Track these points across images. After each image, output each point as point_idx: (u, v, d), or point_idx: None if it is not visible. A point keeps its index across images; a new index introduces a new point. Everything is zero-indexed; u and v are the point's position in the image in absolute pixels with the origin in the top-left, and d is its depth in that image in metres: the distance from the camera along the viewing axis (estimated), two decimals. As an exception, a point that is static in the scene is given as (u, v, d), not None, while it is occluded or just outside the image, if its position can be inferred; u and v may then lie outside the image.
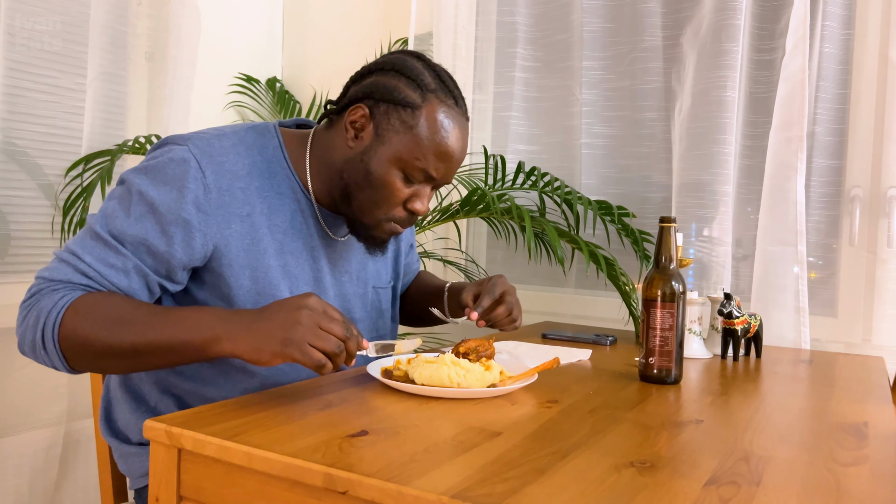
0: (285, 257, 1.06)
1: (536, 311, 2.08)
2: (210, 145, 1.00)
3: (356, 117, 1.04)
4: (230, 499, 0.74)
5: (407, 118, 1.01)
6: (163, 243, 0.95)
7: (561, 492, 0.63)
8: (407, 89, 1.02)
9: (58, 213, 1.85)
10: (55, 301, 0.90)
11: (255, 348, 0.84)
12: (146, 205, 0.95)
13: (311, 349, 0.83)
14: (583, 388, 1.06)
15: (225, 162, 1.00)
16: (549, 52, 2.09)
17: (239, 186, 1.01)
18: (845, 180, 1.70)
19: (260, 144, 1.07)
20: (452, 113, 1.04)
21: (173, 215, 0.95)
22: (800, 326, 1.63)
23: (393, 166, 1.02)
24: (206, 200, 0.97)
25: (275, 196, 1.06)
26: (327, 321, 0.85)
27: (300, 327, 0.83)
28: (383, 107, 1.02)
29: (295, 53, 2.57)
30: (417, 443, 0.75)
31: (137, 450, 1.07)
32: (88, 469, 1.92)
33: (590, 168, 2.04)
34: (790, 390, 1.12)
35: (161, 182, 0.96)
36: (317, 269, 1.11)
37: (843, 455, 0.78)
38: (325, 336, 0.84)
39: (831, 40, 1.69)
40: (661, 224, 1.14)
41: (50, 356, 0.90)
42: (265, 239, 1.03)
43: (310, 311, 0.85)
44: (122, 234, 0.95)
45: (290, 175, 1.09)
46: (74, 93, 1.88)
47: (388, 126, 1.02)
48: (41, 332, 0.89)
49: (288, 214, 1.07)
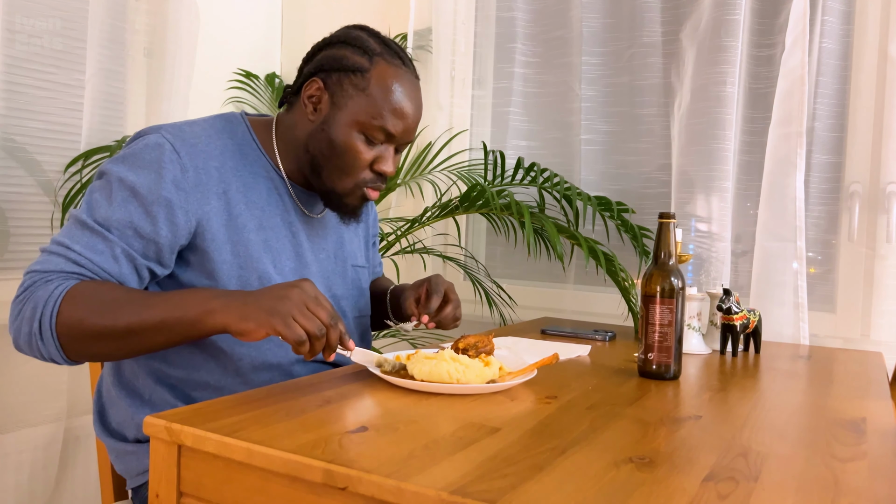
0: (265, 232, 1.09)
1: (536, 307, 2.08)
2: (181, 130, 1.05)
3: (312, 91, 1.09)
4: (230, 495, 0.74)
5: (358, 82, 1.07)
6: (148, 224, 0.98)
7: (559, 488, 0.63)
8: (354, 55, 1.07)
9: (57, 210, 1.85)
10: (50, 291, 0.91)
11: (242, 317, 0.87)
12: (127, 189, 0.98)
13: (294, 323, 0.86)
14: (582, 384, 1.06)
15: (197, 144, 1.04)
16: (548, 48, 2.09)
17: (214, 165, 1.05)
18: (844, 176, 1.70)
19: (229, 130, 1.11)
20: (401, 72, 1.09)
21: (154, 196, 0.98)
22: (798, 322, 1.63)
23: (353, 129, 1.07)
24: (183, 179, 1.00)
25: (249, 175, 1.10)
26: (315, 304, 0.89)
27: (288, 301, 0.87)
28: (335, 76, 1.08)
29: (294, 49, 2.56)
30: (416, 439, 0.76)
31: (134, 448, 1.07)
32: (88, 465, 1.92)
33: (589, 164, 2.03)
34: (789, 386, 1.12)
35: (138, 167, 0.99)
36: (297, 244, 1.14)
37: (842, 451, 0.78)
38: (310, 316, 0.87)
39: (831, 36, 1.69)
40: (660, 220, 1.14)
41: (47, 346, 0.91)
42: (243, 214, 1.07)
43: (301, 291, 0.89)
44: (108, 220, 0.97)
45: (262, 155, 1.13)
46: (73, 89, 1.88)
47: (342, 93, 1.07)
48: (38, 323, 0.90)
49: (264, 192, 1.11)
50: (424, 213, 1.97)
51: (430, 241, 2.14)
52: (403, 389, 0.98)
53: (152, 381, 1.07)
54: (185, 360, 1.06)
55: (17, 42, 1.76)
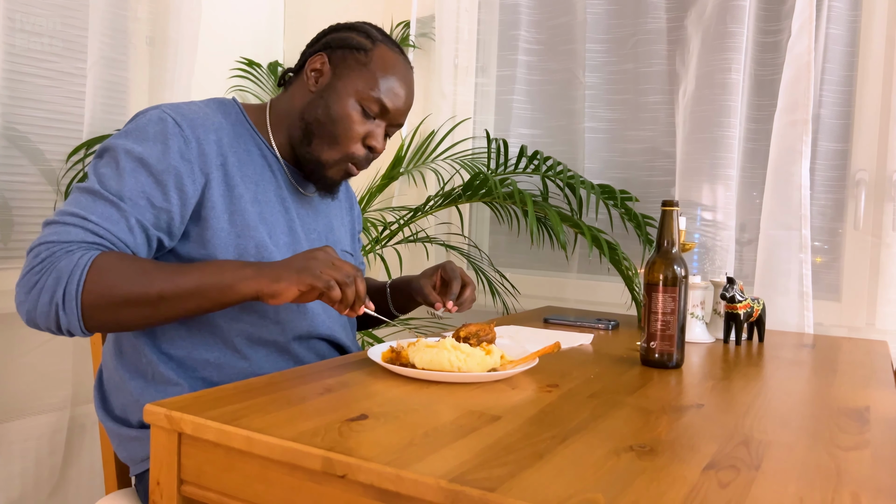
0: (260, 206, 1.12)
1: (539, 295, 2.07)
2: (179, 107, 1.08)
3: (316, 65, 1.15)
4: (230, 482, 0.74)
5: (361, 58, 1.14)
6: (159, 193, 1.00)
7: (559, 475, 0.63)
8: (358, 37, 1.16)
9: (60, 199, 1.85)
10: (75, 261, 0.91)
11: (274, 279, 0.94)
12: (135, 161, 1.00)
13: (322, 275, 0.94)
14: (583, 373, 1.06)
15: (196, 118, 1.07)
16: (552, 35, 2.07)
17: (212, 139, 1.08)
18: (850, 164, 1.69)
19: (223, 110, 1.15)
20: (400, 58, 1.17)
21: (163, 165, 1.01)
22: (803, 311, 1.62)
23: (351, 97, 1.12)
24: (187, 150, 1.03)
25: (243, 151, 1.13)
26: (340, 261, 0.98)
27: (314, 260, 0.96)
28: (339, 52, 1.15)
29: (297, 37, 2.55)
30: (417, 427, 0.75)
31: (137, 433, 1.07)
32: (94, 453, 1.93)
33: (593, 152, 2.02)
34: (792, 375, 1.12)
35: (144, 139, 1.02)
36: (290, 220, 1.17)
37: (844, 439, 0.77)
38: (338, 267, 0.96)
39: (838, 22, 1.67)
40: (663, 208, 1.13)
41: (69, 316, 0.91)
42: (239, 186, 1.10)
43: (325, 252, 0.98)
44: (120, 191, 0.98)
45: (255, 134, 1.17)
46: (75, 78, 1.87)
47: (344, 66, 1.14)
48: (62, 292, 0.90)
49: (258, 167, 1.15)
50: (427, 202, 1.97)
51: (434, 231, 2.14)
52: (404, 378, 0.98)
53: (155, 360, 1.07)
54: (183, 338, 1.07)
55: (18, 31, 1.76)
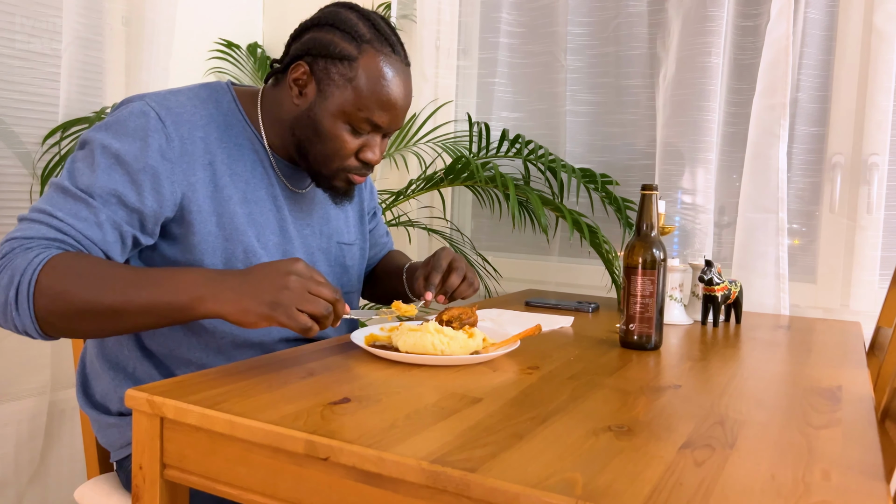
0: (249, 205, 1.08)
1: (520, 279, 2.09)
2: (166, 99, 1.02)
3: (298, 75, 1.06)
4: (213, 466, 0.75)
5: (345, 71, 1.03)
6: (133, 193, 0.96)
7: (538, 456, 0.64)
8: (342, 42, 1.04)
9: (36, 182, 1.82)
10: (30, 259, 0.86)
11: (241, 310, 0.85)
12: (111, 157, 0.95)
13: (298, 313, 0.84)
14: (564, 355, 1.07)
15: (182, 113, 1.02)
16: (533, 18, 2.06)
17: (199, 136, 1.03)
18: (827, 147, 1.71)
19: (215, 99, 1.09)
20: (390, 61, 1.05)
21: (140, 164, 0.96)
22: (779, 293, 1.65)
23: (338, 119, 1.05)
24: (169, 149, 0.98)
25: (234, 146, 1.08)
26: (315, 285, 0.86)
27: (288, 291, 0.84)
28: (322, 62, 1.05)
29: (276, 18, 2.52)
30: (399, 409, 0.76)
31: (117, 420, 1.07)
32: (74, 438, 1.92)
33: (574, 135, 2.03)
34: (768, 355, 1.14)
35: (123, 134, 0.97)
36: (281, 219, 1.13)
37: (817, 418, 0.79)
38: (314, 299, 0.85)
39: (816, 6, 1.68)
40: (642, 192, 1.14)
41: (22, 318, 0.86)
42: (228, 187, 1.05)
43: (298, 276, 0.86)
44: (91, 187, 0.94)
45: (248, 127, 1.11)
46: (49, 58, 1.83)
47: (328, 81, 1.04)
48: (15, 292, 0.85)
49: (248, 164, 1.09)
50: (409, 186, 1.96)
51: (416, 214, 2.14)
52: (387, 361, 0.98)
53: (137, 356, 1.07)
54: (167, 337, 1.06)
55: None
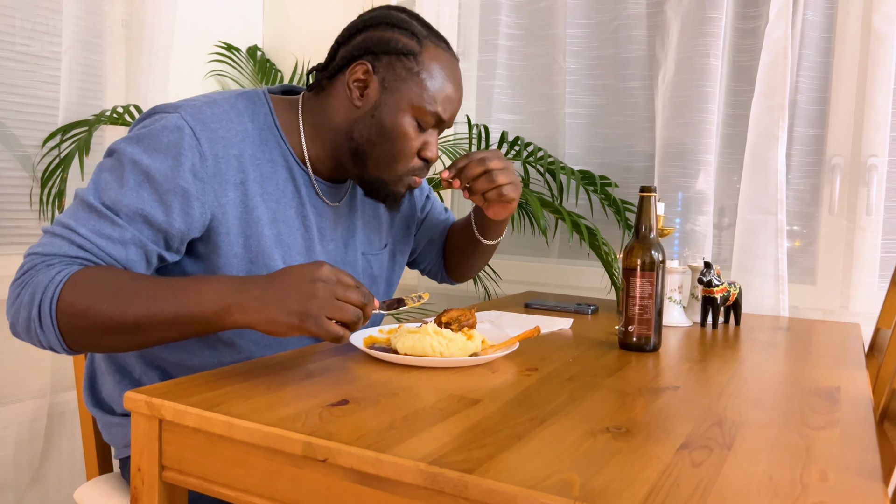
0: (278, 226, 1.05)
1: (520, 280, 2.09)
2: (202, 112, 0.98)
3: (359, 75, 1.04)
4: (211, 468, 0.75)
5: (411, 65, 1.03)
6: (161, 213, 0.93)
7: (536, 457, 0.64)
8: (403, 38, 1.04)
9: (36, 185, 1.83)
10: (51, 276, 0.85)
11: (270, 321, 0.82)
12: (141, 174, 0.92)
13: (328, 322, 0.82)
14: (563, 357, 1.07)
15: (218, 129, 0.98)
16: (532, 20, 2.07)
17: (233, 153, 0.99)
18: (826, 149, 1.71)
19: (251, 111, 1.05)
20: (448, 55, 1.08)
21: (171, 184, 0.93)
22: (779, 294, 1.65)
23: (407, 114, 1.04)
24: (202, 168, 0.95)
25: (267, 164, 1.05)
26: (343, 290, 0.84)
27: (316, 301, 0.81)
28: (384, 59, 1.03)
29: (276, 21, 2.52)
30: (397, 411, 0.76)
31: (121, 420, 1.07)
32: (74, 440, 1.92)
33: (573, 137, 2.03)
34: (767, 357, 1.14)
35: (155, 150, 0.93)
36: (308, 238, 1.10)
37: (815, 419, 0.79)
38: (343, 306, 0.83)
39: (814, 8, 1.68)
40: (641, 193, 1.14)
41: (46, 334, 0.85)
42: (259, 207, 1.02)
43: (324, 282, 0.83)
44: (117, 204, 0.91)
45: (282, 142, 1.08)
46: (49, 61, 1.84)
47: (394, 76, 1.03)
48: (38, 309, 0.84)
49: (280, 182, 1.06)
50: (409, 188, 1.96)
51: (415, 216, 2.14)
52: (386, 363, 0.98)
53: (143, 363, 1.06)
54: (180, 345, 1.03)
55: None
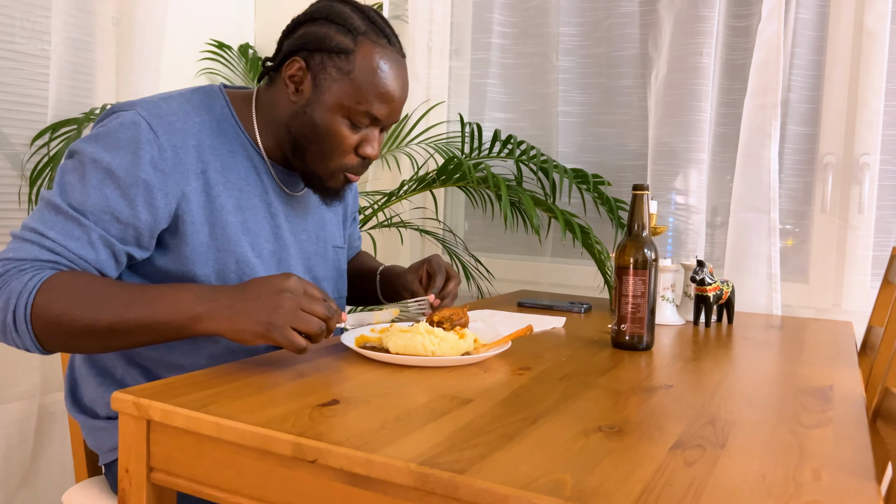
0: (243, 213, 1.06)
1: (513, 279, 2.08)
2: (158, 107, 1.00)
3: (293, 71, 1.05)
4: (200, 469, 0.74)
5: (342, 64, 1.02)
6: (126, 208, 0.94)
7: (528, 457, 0.63)
8: (338, 35, 1.03)
9: (24, 183, 1.81)
10: (25, 282, 0.87)
11: (237, 329, 0.86)
12: (102, 171, 0.94)
13: (292, 333, 0.85)
14: (555, 355, 1.07)
15: (175, 121, 1.00)
16: (525, 18, 2.06)
17: (192, 144, 1.01)
18: (819, 147, 1.71)
19: (207, 104, 1.07)
20: (387, 52, 1.05)
21: (132, 178, 0.94)
22: (772, 292, 1.65)
23: (337, 114, 1.04)
24: (162, 160, 0.96)
25: (227, 154, 1.06)
26: (309, 302, 0.87)
27: (282, 311, 0.85)
28: (318, 57, 1.03)
29: (268, 19, 2.51)
30: (388, 411, 0.76)
31: (105, 424, 1.06)
32: (64, 441, 1.91)
33: (566, 136, 2.03)
34: (760, 355, 1.14)
35: (113, 147, 0.95)
36: (275, 226, 1.11)
37: (808, 417, 0.79)
38: (307, 318, 0.86)
39: (807, 6, 1.68)
40: (633, 192, 1.14)
41: (22, 338, 0.88)
42: (221, 195, 1.03)
43: (291, 293, 0.87)
44: (83, 205, 0.93)
45: (241, 133, 1.09)
46: (38, 59, 1.82)
47: (325, 75, 1.03)
48: (12, 315, 0.87)
49: (242, 171, 1.08)
50: (402, 187, 1.96)
51: (408, 215, 2.13)
52: (377, 363, 0.98)
53: (124, 362, 1.06)
54: (155, 347, 1.04)
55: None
